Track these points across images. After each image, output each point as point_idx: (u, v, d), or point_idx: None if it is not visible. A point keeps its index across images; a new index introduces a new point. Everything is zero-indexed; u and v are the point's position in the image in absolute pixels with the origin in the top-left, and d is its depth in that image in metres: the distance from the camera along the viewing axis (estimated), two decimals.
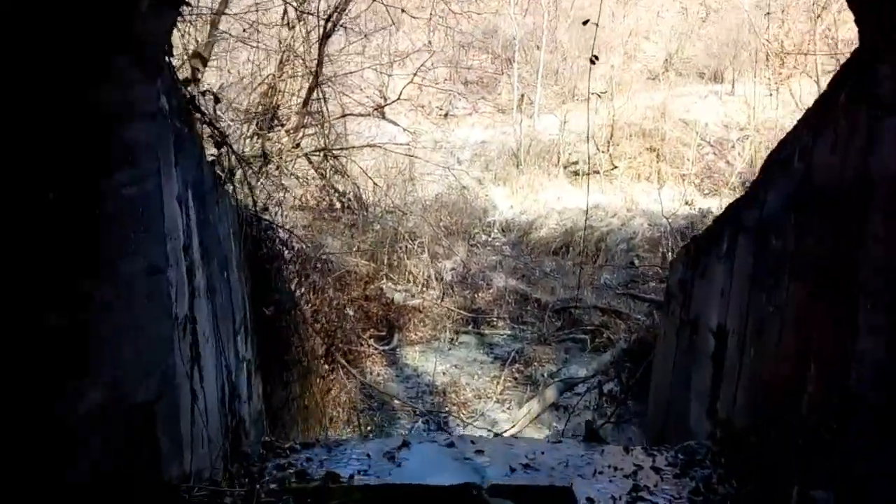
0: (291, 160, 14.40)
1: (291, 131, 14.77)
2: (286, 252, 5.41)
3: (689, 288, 4.42)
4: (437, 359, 10.47)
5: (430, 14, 15.65)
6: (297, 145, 14.71)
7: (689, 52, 34.69)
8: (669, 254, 16.30)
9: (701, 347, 4.03)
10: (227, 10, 12.52)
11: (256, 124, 14.23)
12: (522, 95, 30.99)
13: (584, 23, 5.82)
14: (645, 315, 12.07)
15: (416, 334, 11.85)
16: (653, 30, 35.81)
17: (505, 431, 8.12)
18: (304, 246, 5.83)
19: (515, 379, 10.01)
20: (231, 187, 5.14)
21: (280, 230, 5.53)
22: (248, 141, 13.81)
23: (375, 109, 16.20)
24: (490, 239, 19.85)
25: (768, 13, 23.91)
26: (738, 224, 3.56)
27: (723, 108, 27.53)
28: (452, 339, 11.85)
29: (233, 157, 5.60)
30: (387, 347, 11.07)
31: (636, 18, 32.62)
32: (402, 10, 14.64)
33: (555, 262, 17.29)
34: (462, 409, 8.94)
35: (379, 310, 11.84)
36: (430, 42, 16.25)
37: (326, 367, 6.59)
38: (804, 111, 3.20)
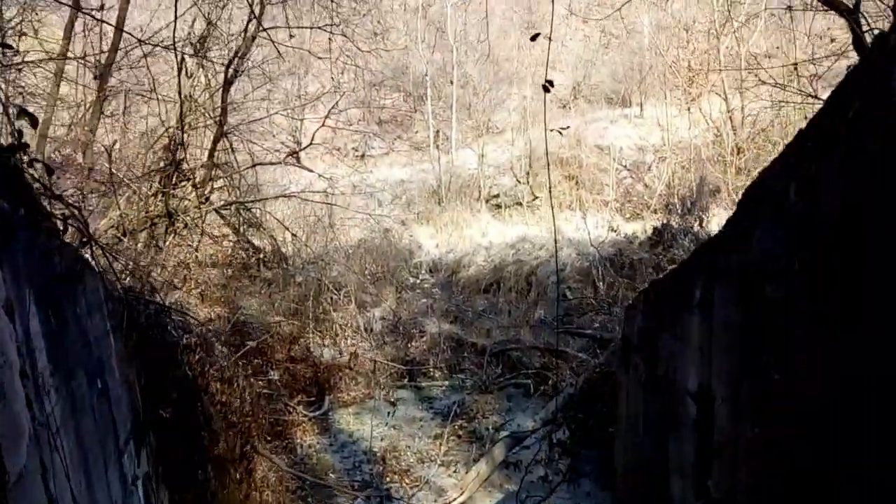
0: (200, 216, 13.48)
1: (199, 185, 13.86)
2: (184, 338, 4.63)
3: (654, 340, 3.89)
4: (373, 420, 9.70)
5: (338, 55, 15.04)
6: (206, 200, 13.81)
7: (595, 78, 35.37)
8: (600, 283, 16.02)
9: (678, 412, 3.47)
10: (115, 61, 11.65)
11: (159, 181, 13.30)
12: (437, 131, 30.79)
13: (533, 38, 5.30)
14: (586, 352, 11.61)
15: (348, 394, 11.04)
16: (558, 59, 36.34)
17: (453, 500, 7.43)
18: (203, 329, 5.05)
19: (459, 436, 9.32)
20: (106, 270, 4.35)
21: (174, 313, 4.73)
22: (150, 200, 12.87)
23: (288, 156, 15.46)
24: (418, 281, 19.19)
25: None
26: (713, 270, 3.03)
27: (635, 132, 27.93)
28: (388, 397, 11.08)
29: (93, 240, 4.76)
30: (318, 413, 10.23)
31: (542, 49, 32.85)
32: (309, 52, 14.00)
33: (486, 301, 16.77)
34: (404, 478, 8.19)
35: (307, 371, 11.00)
36: (339, 83, 15.60)
37: (244, 464, 5.76)
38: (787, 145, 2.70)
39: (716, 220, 17.55)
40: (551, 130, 5.38)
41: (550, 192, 19.03)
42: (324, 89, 21.29)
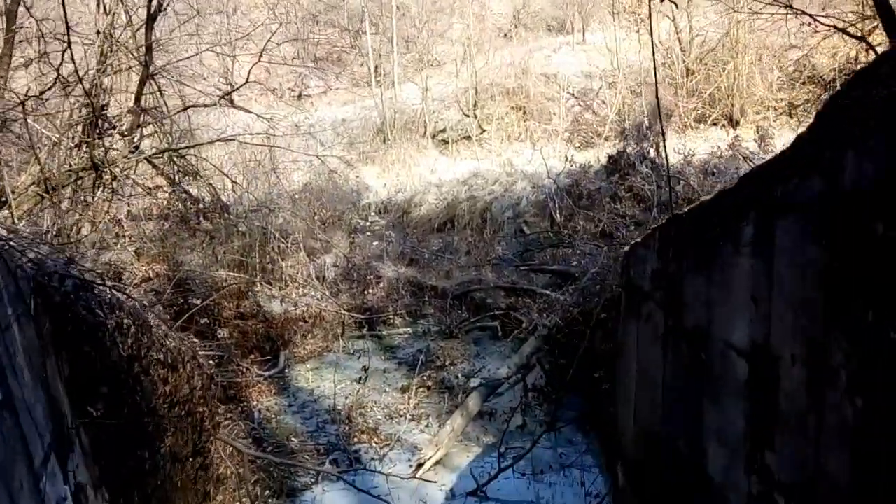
0: (131, 167, 12.42)
1: (126, 133, 12.74)
2: (112, 317, 3.81)
3: (679, 285, 3.31)
4: (334, 375, 9.07)
5: None
6: (136, 148, 12.73)
7: (535, 5, 34.36)
8: (557, 215, 15.53)
9: (719, 372, 2.91)
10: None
11: (82, 131, 12.16)
12: (377, 67, 29.55)
13: None
14: (552, 289, 11.14)
15: (304, 349, 10.37)
16: None
17: (429, 458, 6.91)
18: (137, 303, 4.21)
19: (427, 388, 8.77)
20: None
21: (98, 287, 3.86)
22: (72, 152, 11.76)
23: (222, 98, 14.33)
24: (368, 223, 18.46)
25: None
26: (774, 202, 2.41)
27: (579, 59, 27.21)
28: (347, 348, 10.46)
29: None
30: (273, 371, 9.55)
31: None
32: None
33: (441, 240, 16.17)
34: (373, 437, 7.63)
35: (258, 327, 10.28)
36: (274, 13, 14.43)
37: (199, 458, 5.04)
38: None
39: (671, 144, 17.15)
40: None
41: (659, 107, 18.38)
42: (255, 27, 19.97)
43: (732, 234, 2.74)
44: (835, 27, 8.90)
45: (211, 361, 7.08)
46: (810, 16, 8.41)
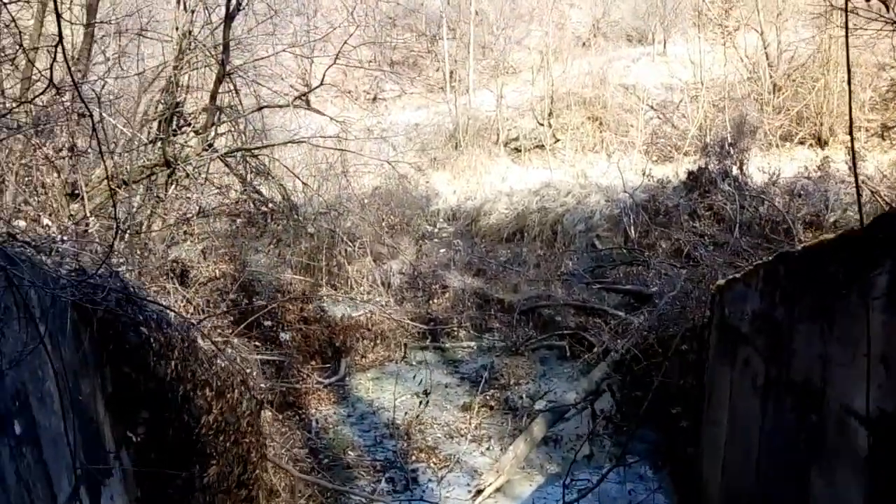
0: (203, 165, 12.48)
1: (200, 131, 12.82)
2: (157, 335, 3.54)
3: (786, 333, 2.92)
4: (395, 387, 8.82)
5: None
6: (210, 146, 12.79)
7: (614, 15, 33.65)
8: (632, 231, 14.99)
9: (832, 438, 2.51)
10: None
11: (157, 127, 12.30)
12: (452, 72, 29.39)
13: None
14: (624, 309, 10.66)
15: (366, 357, 10.17)
16: None
17: (489, 485, 6.58)
18: (184, 321, 3.87)
19: (490, 407, 8.44)
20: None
21: (146, 303, 3.60)
22: (147, 148, 11.88)
23: (296, 99, 14.31)
24: (436, 230, 18.25)
25: None
26: None
27: (659, 70, 26.46)
28: (408, 358, 10.22)
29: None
30: (334, 379, 9.37)
31: None
32: None
33: (510, 251, 15.82)
34: (431, 457, 7.34)
35: (321, 332, 10.12)
36: (351, 16, 14.34)
37: (246, 489, 4.78)
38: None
39: (755, 162, 16.39)
40: None
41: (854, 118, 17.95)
42: (332, 28, 20.03)
43: (860, 282, 2.34)
44: None
45: (264, 380, 6.88)
46: None
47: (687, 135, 20.51)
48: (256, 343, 9.06)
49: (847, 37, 2.65)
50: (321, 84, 12.32)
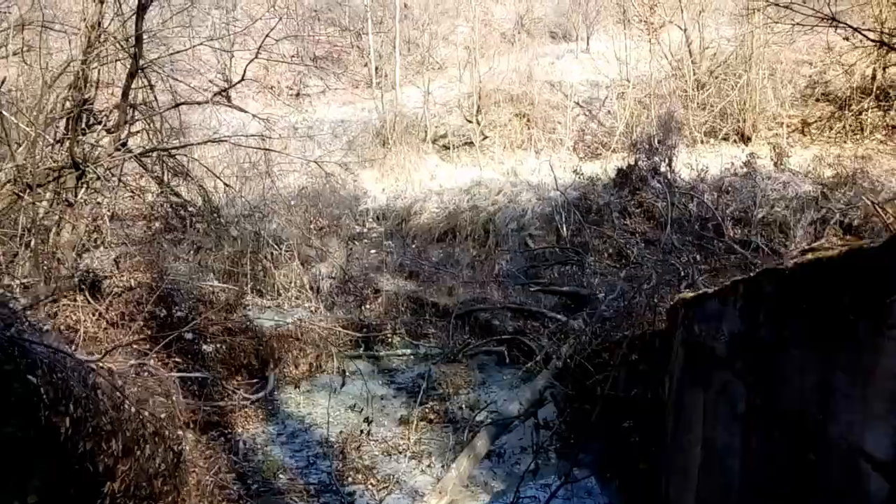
0: (116, 166, 11.70)
1: (113, 130, 12.03)
2: (48, 384, 2.89)
3: (775, 358, 2.63)
4: (328, 400, 8.34)
5: None
6: (123, 146, 12.01)
7: (538, 12, 33.76)
8: (564, 229, 14.88)
9: (839, 482, 2.23)
10: None
11: (66, 126, 11.46)
12: (377, 68, 28.89)
13: None
14: (562, 312, 10.45)
15: (296, 368, 9.62)
16: None
17: None
18: (83, 362, 3.15)
19: (430, 421, 8.05)
20: None
21: (33, 344, 2.94)
22: (53, 149, 11.05)
23: (216, 95, 13.60)
24: (366, 230, 17.78)
25: None
26: None
27: (584, 67, 26.59)
28: (341, 368, 9.73)
29: None
30: (262, 394, 8.81)
31: None
32: None
33: (442, 251, 15.48)
34: (370, 477, 6.92)
35: (247, 344, 9.52)
36: (273, 7, 13.72)
37: None
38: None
39: (682, 159, 16.52)
40: None
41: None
42: (253, 21, 19.28)
43: (873, 309, 2.06)
44: (884, 42, 8.27)
45: (185, 400, 6.35)
46: (855, 29, 7.79)
47: (614, 131, 20.62)
48: (176, 359, 8.45)
49: None
50: (242, 79, 11.70)
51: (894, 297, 1.97)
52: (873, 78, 17.79)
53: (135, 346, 7.98)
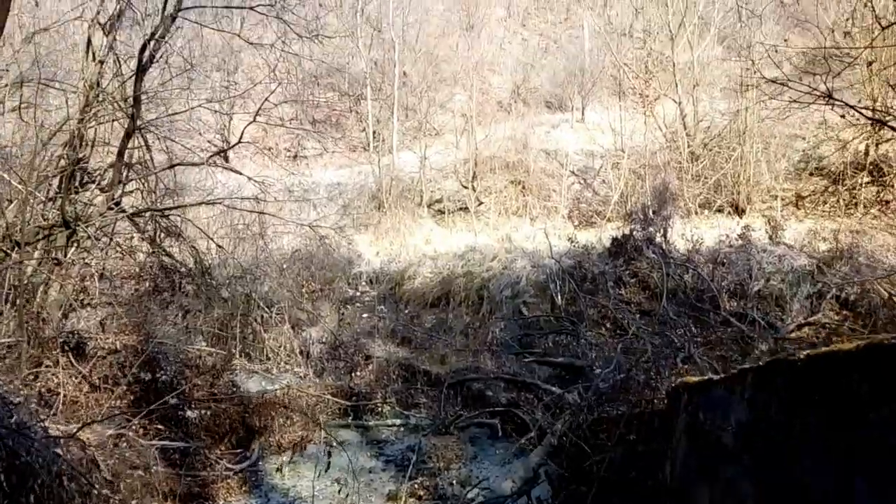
0: (109, 225, 11.63)
1: (106, 189, 11.99)
2: (9, 467, 2.74)
3: (788, 453, 2.45)
4: (314, 472, 8.06)
5: (273, 42, 13.22)
6: (117, 205, 11.95)
7: (534, 82, 34.31)
8: (559, 298, 14.74)
9: None
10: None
11: (58, 184, 11.41)
12: (375, 132, 29.16)
13: None
14: (557, 383, 10.24)
15: (282, 437, 9.34)
16: (497, 62, 35.35)
17: None
18: (48, 440, 3.00)
19: (419, 497, 7.76)
20: None
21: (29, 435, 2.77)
22: (45, 206, 10.97)
23: (212, 156, 13.60)
24: (359, 293, 17.62)
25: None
26: None
27: (580, 136, 26.89)
28: (328, 438, 9.45)
29: None
30: (245, 464, 8.52)
31: (481, 51, 31.78)
32: (238, 35, 12.24)
33: (435, 317, 15.30)
34: None
35: (233, 410, 9.27)
36: (273, 72, 13.83)
37: None
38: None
39: (677, 229, 16.53)
40: None
41: None
42: (253, 85, 19.46)
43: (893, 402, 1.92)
44: (879, 120, 8.35)
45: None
46: (850, 106, 7.85)
47: (609, 200, 20.68)
48: (159, 426, 8.20)
49: None
50: (238, 142, 11.71)
51: None
52: (866, 153, 17.97)
53: (116, 413, 7.74)
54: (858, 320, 12.55)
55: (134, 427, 7.70)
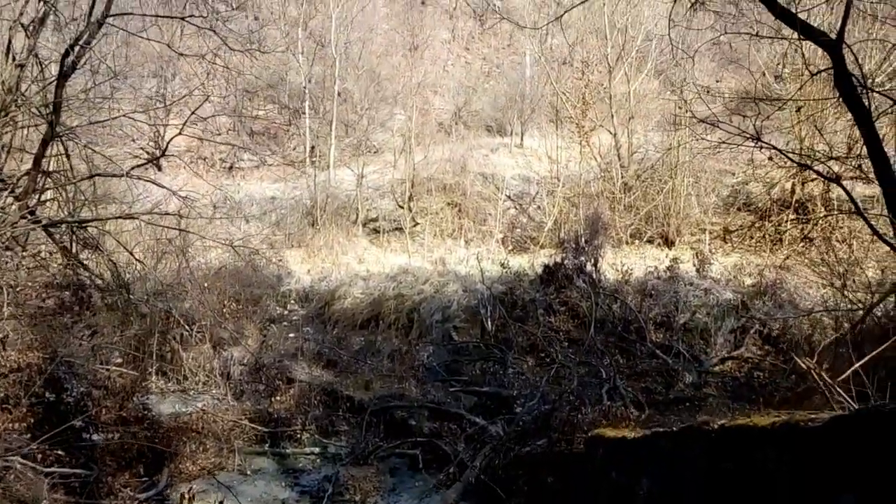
0: (20, 234, 11.09)
1: (21, 197, 11.45)
2: None
3: None
4: (224, 502, 7.71)
5: (207, 54, 12.84)
6: (31, 214, 11.39)
7: (475, 105, 34.51)
8: (489, 323, 14.66)
9: None
10: None
11: None
12: (313, 147, 28.80)
13: None
14: (480, 412, 10.11)
15: (194, 464, 8.93)
16: (440, 83, 35.41)
17: None
18: None
19: None
20: None
21: None
22: None
23: (140, 166, 13.07)
24: (287, 312, 17.21)
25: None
26: None
27: (517, 161, 27.09)
28: (242, 466, 9.09)
29: None
30: (151, 493, 8.10)
31: (424, 72, 31.77)
32: (168, 45, 11.84)
33: (364, 339, 15.03)
34: None
35: (142, 435, 8.82)
36: (204, 84, 13.45)
37: None
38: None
39: (608, 259, 16.70)
40: None
41: None
42: (184, 95, 18.92)
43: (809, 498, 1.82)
44: (805, 164, 8.55)
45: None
46: (778, 150, 8.00)
47: (543, 227, 20.80)
48: (59, 452, 7.73)
49: None
50: (163, 154, 11.31)
51: (841, 495, 1.73)
52: (792, 192, 18.54)
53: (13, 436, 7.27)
54: (780, 356, 12.82)
55: (33, 453, 7.24)
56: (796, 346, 12.84)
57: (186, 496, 7.75)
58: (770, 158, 10.23)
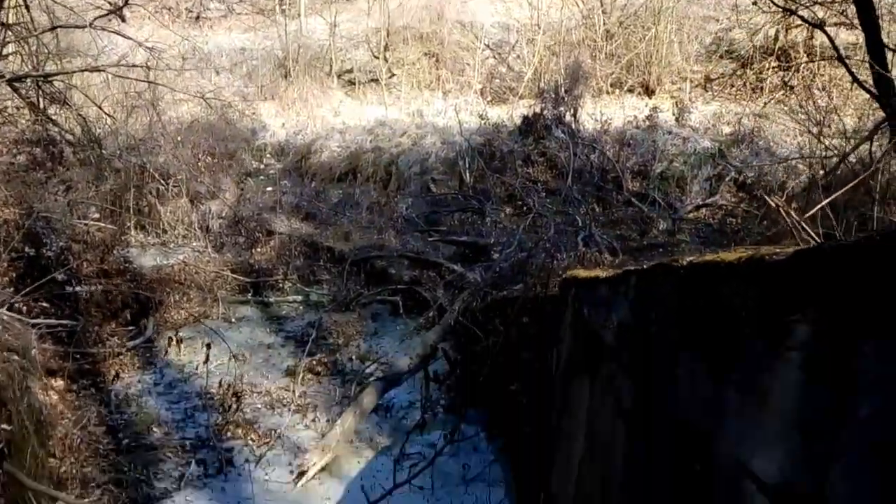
0: None
1: None
2: None
3: (665, 358, 2.47)
4: (211, 348, 7.93)
5: None
6: None
7: None
8: (467, 175, 14.67)
9: (720, 495, 2.10)
10: None
11: None
12: None
13: None
14: (459, 261, 10.30)
15: (178, 314, 9.12)
16: None
17: (313, 464, 6.01)
18: None
19: (317, 373, 7.80)
20: None
21: None
22: None
23: (102, 17, 12.44)
24: (263, 166, 17.06)
25: None
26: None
27: (500, 7, 26.08)
28: (226, 314, 9.31)
29: None
30: (139, 341, 8.31)
31: None
32: None
33: (342, 192, 15.01)
34: (250, 432, 6.64)
35: (125, 287, 8.93)
36: None
37: None
38: None
39: (587, 109, 16.51)
40: None
41: None
42: None
43: (772, 328, 1.89)
44: (789, 9, 8.31)
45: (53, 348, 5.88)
46: None
47: (523, 77, 20.37)
48: (44, 304, 7.85)
49: None
50: (126, 3, 10.73)
51: (796, 316, 1.80)
52: (776, 39, 18.17)
53: None
54: (753, 203, 13.02)
55: (18, 304, 7.35)
56: (770, 192, 12.97)
57: (174, 339, 7.98)
58: (754, 3, 9.88)
